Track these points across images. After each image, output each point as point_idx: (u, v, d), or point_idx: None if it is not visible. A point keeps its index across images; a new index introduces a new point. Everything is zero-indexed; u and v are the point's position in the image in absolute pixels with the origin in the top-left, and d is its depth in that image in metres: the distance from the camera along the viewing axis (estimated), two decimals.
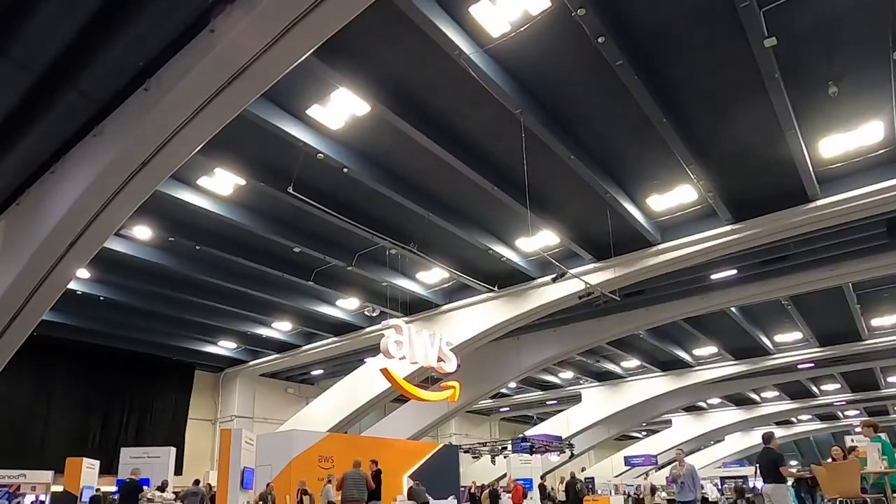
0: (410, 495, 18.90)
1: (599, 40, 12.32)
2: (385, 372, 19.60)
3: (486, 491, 30.63)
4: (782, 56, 12.97)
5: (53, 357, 30.26)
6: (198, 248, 21.55)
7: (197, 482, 21.60)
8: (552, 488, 29.15)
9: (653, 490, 40.00)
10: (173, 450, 26.32)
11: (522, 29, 12.57)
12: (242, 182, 17.86)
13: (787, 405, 52.12)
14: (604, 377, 43.61)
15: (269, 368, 37.20)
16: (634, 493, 41.42)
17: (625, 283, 23.11)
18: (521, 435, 38.46)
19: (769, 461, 13.42)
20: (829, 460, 15.30)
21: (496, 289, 25.40)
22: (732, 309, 28.91)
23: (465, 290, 26.49)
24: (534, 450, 33.90)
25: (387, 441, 27.67)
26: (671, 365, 39.71)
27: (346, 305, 28.49)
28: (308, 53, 11.26)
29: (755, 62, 13.03)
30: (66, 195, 14.33)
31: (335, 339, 31.89)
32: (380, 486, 18.99)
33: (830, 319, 31.04)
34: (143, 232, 20.58)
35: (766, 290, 25.50)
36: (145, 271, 23.47)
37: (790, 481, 16.21)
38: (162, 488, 20.62)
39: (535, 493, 31.55)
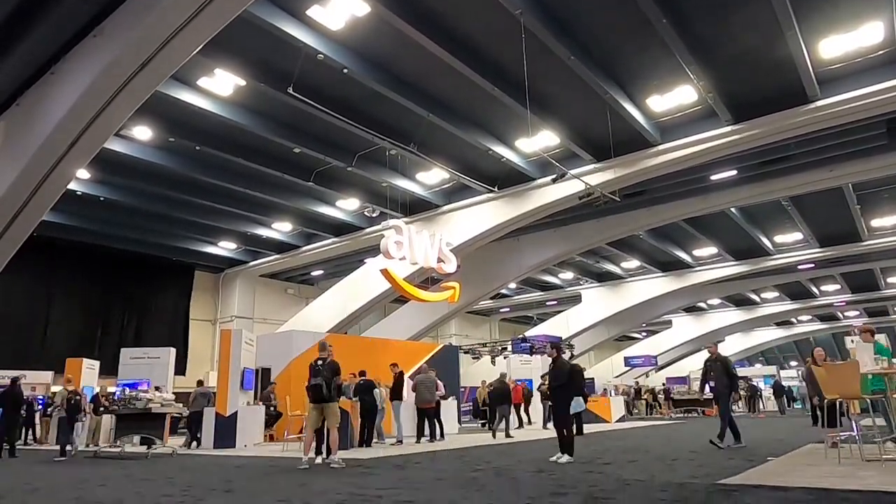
0: (415, 388, 19.15)
1: None
2: (385, 272, 19.77)
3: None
4: None
5: (54, 258, 30.56)
6: (198, 148, 21.62)
7: (200, 383, 21.78)
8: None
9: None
10: (173, 350, 26.62)
11: None
12: (242, 83, 17.87)
13: (787, 306, 52.88)
14: (604, 278, 44.07)
15: (268, 269, 37.55)
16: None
17: (625, 184, 23.22)
18: (520, 335, 38.77)
19: None
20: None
21: (496, 189, 25.50)
22: (732, 209, 29.11)
23: (465, 190, 26.58)
24: (534, 350, 34.20)
25: (387, 341, 27.91)
26: (671, 265, 40.12)
27: (345, 206, 28.69)
28: None
29: None
30: (66, 95, 14.40)
31: (335, 239, 32.15)
32: (400, 388, 19.28)
33: (830, 220, 31.26)
34: (143, 132, 20.64)
35: (766, 191, 25.69)
36: (145, 171, 23.57)
37: None
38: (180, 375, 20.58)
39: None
